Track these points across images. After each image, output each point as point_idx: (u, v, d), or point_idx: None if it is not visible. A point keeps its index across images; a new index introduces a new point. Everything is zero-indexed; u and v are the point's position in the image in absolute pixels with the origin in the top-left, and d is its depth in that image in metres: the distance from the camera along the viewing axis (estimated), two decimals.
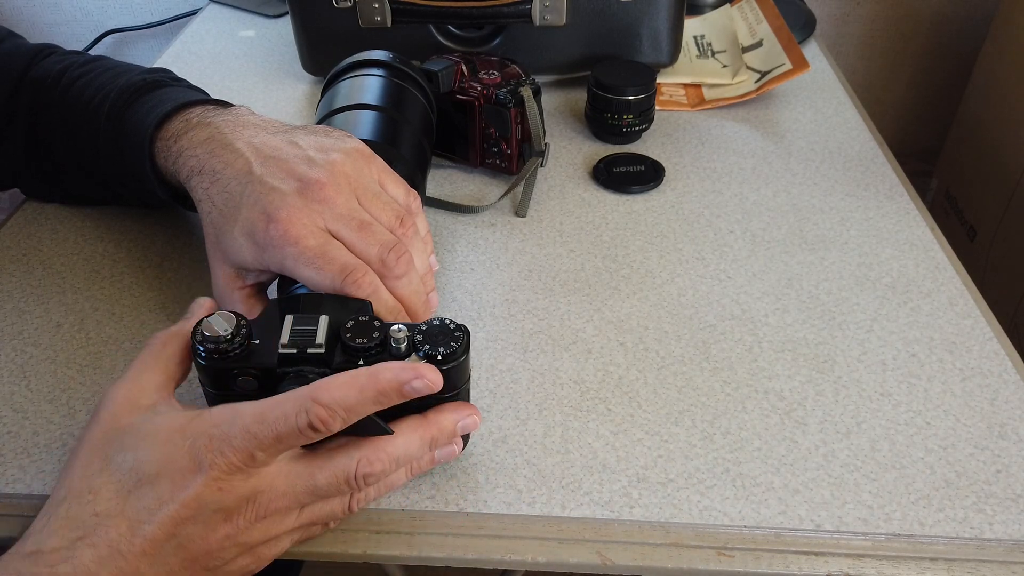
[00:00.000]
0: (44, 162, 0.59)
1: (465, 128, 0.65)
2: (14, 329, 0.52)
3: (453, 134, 0.66)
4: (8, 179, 0.61)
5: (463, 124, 0.65)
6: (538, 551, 0.40)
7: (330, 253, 0.42)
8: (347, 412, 0.35)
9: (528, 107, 0.62)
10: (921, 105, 1.47)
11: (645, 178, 0.66)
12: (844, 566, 0.39)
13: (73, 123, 0.55)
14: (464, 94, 0.63)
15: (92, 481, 0.34)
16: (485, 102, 0.63)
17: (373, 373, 0.36)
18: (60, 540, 0.33)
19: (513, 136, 0.63)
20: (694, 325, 0.53)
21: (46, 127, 0.57)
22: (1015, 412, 0.47)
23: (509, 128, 0.63)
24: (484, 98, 0.63)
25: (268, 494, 0.35)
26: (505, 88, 0.62)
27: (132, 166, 0.52)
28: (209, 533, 0.35)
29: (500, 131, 0.63)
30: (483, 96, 0.63)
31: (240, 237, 0.43)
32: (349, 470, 0.37)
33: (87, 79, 0.56)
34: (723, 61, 0.84)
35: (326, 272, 0.41)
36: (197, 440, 0.34)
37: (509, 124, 0.63)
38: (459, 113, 0.64)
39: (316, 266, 0.41)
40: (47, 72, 0.57)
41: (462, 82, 0.64)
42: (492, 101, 0.62)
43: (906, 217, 0.63)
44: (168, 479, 0.34)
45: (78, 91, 0.56)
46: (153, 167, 0.51)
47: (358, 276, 0.41)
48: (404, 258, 0.43)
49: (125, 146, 0.52)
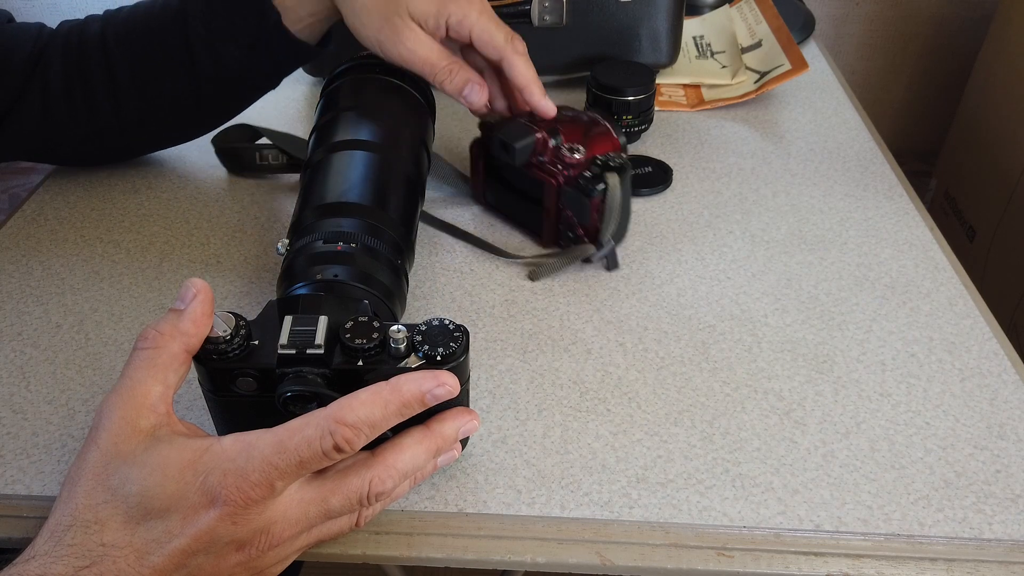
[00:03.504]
0: (105, 110, 0.59)
1: (538, 203, 0.57)
2: (13, 330, 0.52)
3: (522, 204, 0.59)
4: (61, 150, 0.63)
5: (536, 198, 0.57)
6: (538, 551, 0.40)
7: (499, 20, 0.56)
8: (372, 429, 0.35)
9: (610, 195, 0.53)
10: (920, 105, 1.48)
11: (654, 180, 0.66)
12: (844, 566, 0.39)
13: (142, 38, 0.58)
14: (543, 170, 0.55)
15: (98, 512, 0.34)
16: (566, 184, 0.54)
17: (395, 386, 0.35)
18: (66, 568, 0.32)
19: (593, 225, 0.55)
20: (693, 325, 0.53)
21: (99, 70, 0.58)
22: (1014, 412, 0.47)
23: (588, 217, 0.54)
24: (565, 180, 0.54)
25: (281, 523, 0.35)
26: (590, 171, 0.54)
27: (235, 10, 0.56)
28: (220, 562, 0.34)
29: (579, 218, 0.55)
30: (564, 178, 0.54)
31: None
32: (362, 491, 0.36)
33: (127, 9, 0.59)
34: (722, 62, 0.84)
35: (502, 28, 0.55)
36: (210, 476, 0.33)
37: (589, 213, 0.54)
38: (534, 188, 0.56)
39: (496, 22, 0.55)
40: (72, 29, 0.59)
41: (542, 155, 0.55)
42: (573, 185, 0.54)
43: (905, 217, 0.63)
44: (179, 514, 0.33)
45: (127, 17, 0.58)
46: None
47: (517, 40, 0.55)
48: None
49: (230, 14, 0.56)
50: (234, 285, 0.56)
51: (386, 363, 0.38)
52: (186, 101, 0.60)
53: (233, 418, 0.41)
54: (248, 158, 0.67)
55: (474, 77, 0.55)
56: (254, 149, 0.66)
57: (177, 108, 0.60)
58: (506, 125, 0.57)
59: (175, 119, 0.62)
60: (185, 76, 0.58)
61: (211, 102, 0.61)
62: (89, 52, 0.57)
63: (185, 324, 0.37)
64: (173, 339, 0.37)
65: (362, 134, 0.52)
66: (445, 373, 0.36)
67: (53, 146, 0.62)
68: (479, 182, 0.62)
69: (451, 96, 0.56)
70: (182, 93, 0.59)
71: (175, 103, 0.60)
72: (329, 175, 0.50)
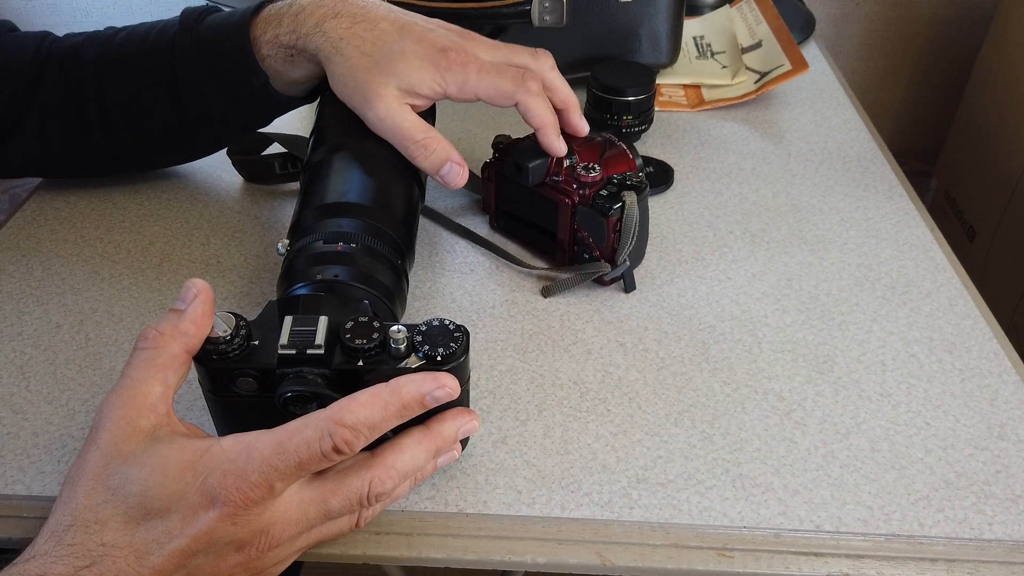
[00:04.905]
0: (98, 135, 0.59)
1: (552, 225, 0.55)
2: (13, 330, 0.52)
3: (536, 228, 0.57)
4: (49, 164, 0.62)
5: (551, 221, 0.55)
6: (538, 552, 0.40)
7: (502, 65, 0.52)
8: (371, 431, 0.35)
9: (627, 215, 0.51)
10: (920, 105, 1.48)
11: (654, 180, 0.66)
12: (844, 567, 0.39)
13: (132, 72, 0.57)
14: (556, 189, 0.54)
15: (98, 512, 0.34)
16: (581, 204, 0.53)
17: (394, 388, 0.35)
18: (66, 567, 0.32)
19: (609, 246, 0.53)
20: (693, 326, 0.53)
21: (92, 96, 0.57)
22: (1014, 412, 0.47)
23: (605, 238, 0.52)
24: (581, 199, 0.53)
25: (281, 524, 0.35)
26: (606, 190, 0.52)
27: (222, 67, 0.54)
28: (220, 563, 0.34)
29: (595, 238, 0.53)
30: (580, 197, 0.53)
31: (416, 61, 0.50)
32: (362, 492, 0.37)
33: (122, 37, 0.58)
34: (722, 62, 0.84)
35: (506, 75, 0.51)
36: (210, 476, 0.33)
37: (605, 233, 0.52)
38: (549, 210, 0.55)
39: (497, 72, 0.50)
40: (68, 50, 0.58)
41: (555, 174, 0.54)
42: (589, 205, 0.52)
43: (905, 217, 0.63)
44: (179, 514, 0.33)
45: (120, 47, 0.57)
46: (250, 55, 0.53)
47: (529, 78, 0.51)
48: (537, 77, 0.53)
49: (211, 52, 0.54)
50: (234, 285, 0.56)
51: (386, 363, 0.38)
52: (175, 134, 0.59)
53: (233, 418, 0.41)
54: (268, 169, 0.65)
55: (454, 156, 0.51)
56: (273, 160, 0.65)
57: (167, 139, 0.60)
58: (519, 145, 0.56)
59: (166, 148, 0.62)
60: (172, 112, 0.57)
61: (200, 137, 0.61)
62: (83, 80, 0.57)
63: (185, 324, 0.37)
64: (173, 339, 0.37)
65: (362, 134, 0.52)
66: (445, 375, 0.36)
67: (51, 165, 0.62)
68: (492, 206, 0.61)
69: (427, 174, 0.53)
70: (171, 127, 0.58)
71: (165, 134, 0.59)
72: (329, 175, 0.50)
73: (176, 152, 0.64)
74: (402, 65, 0.50)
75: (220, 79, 0.55)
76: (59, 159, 0.60)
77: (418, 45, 0.50)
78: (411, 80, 0.50)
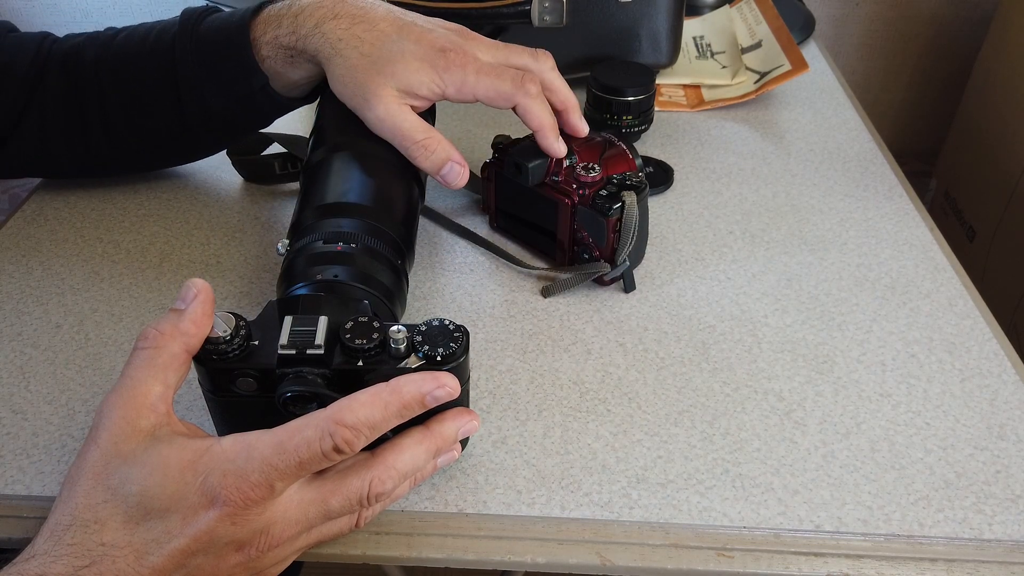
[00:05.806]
0: (98, 136, 0.59)
1: (552, 226, 0.55)
2: (13, 330, 0.52)
3: (536, 228, 0.57)
4: (64, 166, 0.62)
5: (550, 221, 0.55)
6: (538, 552, 0.40)
7: (501, 67, 0.51)
8: (371, 430, 0.35)
9: (627, 214, 0.51)
10: (920, 106, 1.48)
11: (654, 180, 0.66)
12: (843, 567, 0.39)
13: (132, 72, 0.57)
14: (556, 189, 0.54)
15: (98, 512, 0.34)
16: (581, 204, 0.53)
17: (395, 388, 0.36)
18: (65, 567, 0.32)
19: (609, 246, 0.53)
20: (693, 326, 0.53)
21: (92, 97, 0.57)
22: (1014, 413, 0.47)
23: (604, 237, 0.52)
24: (581, 199, 0.53)
25: (281, 524, 0.35)
26: (606, 190, 0.52)
27: (222, 68, 0.54)
28: (220, 562, 0.34)
29: (594, 238, 0.53)
30: (579, 197, 0.53)
31: (414, 62, 0.50)
32: (362, 492, 0.37)
33: (122, 38, 0.57)
34: (722, 62, 0.84)
35: (505, 77, 0.51)
36: (210, 476, 0.33)
37: (605, 233, 0.52)
38: (549, 210, 0.55)
39: (496, 73, 0.50)
40: (68, 51, 0.58)
41: (555, 174, 0.54)
42: (589, 205, 0.52)
43: (905, 217, 0.63)
44: (178, 514, 0.33)
45: (120, 48, 0.57)
46: (249, 53, 0.53)
47: (527, 80, 0.51)
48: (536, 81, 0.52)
49: (211, 52, 0.54)
50: (234, 285, 0.56)
51: (386, 363, 0.38)
52: (176, 135, 0.59)
53: (233, 418, 0.41)
54: (268, 169, 0.65)
55: (455, 156, 0.51)
56: (273, 160, 0.65)
57: (168, 140, 0.60)
58: (519, 145, 0.56)
59: (166, 150, 0.62)
60: (172, 113, 0.57)
61: (199, 138, 0.60)
62: (84, 81, 0.57)
63: (185, 324, 0.37)
64: (173, 339, 0.37)
65: (362, 134, 0.52)
66: (445, 375, 0.36)
67: (51, 166, 0.62)
68: (492, 206, 0.61)
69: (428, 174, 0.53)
70: (171, 127, 0.58)
71: (166, 136, 0.59)
72: (329, 175, 0.50)
73: (176, 152, 0.63)
74: (401, 66, 0.50)
75: (220, 80, 0.55)
76: (59, 159, 0.60)
77: (417, 46, 0.50)
78: (410, 81, 0.50)
